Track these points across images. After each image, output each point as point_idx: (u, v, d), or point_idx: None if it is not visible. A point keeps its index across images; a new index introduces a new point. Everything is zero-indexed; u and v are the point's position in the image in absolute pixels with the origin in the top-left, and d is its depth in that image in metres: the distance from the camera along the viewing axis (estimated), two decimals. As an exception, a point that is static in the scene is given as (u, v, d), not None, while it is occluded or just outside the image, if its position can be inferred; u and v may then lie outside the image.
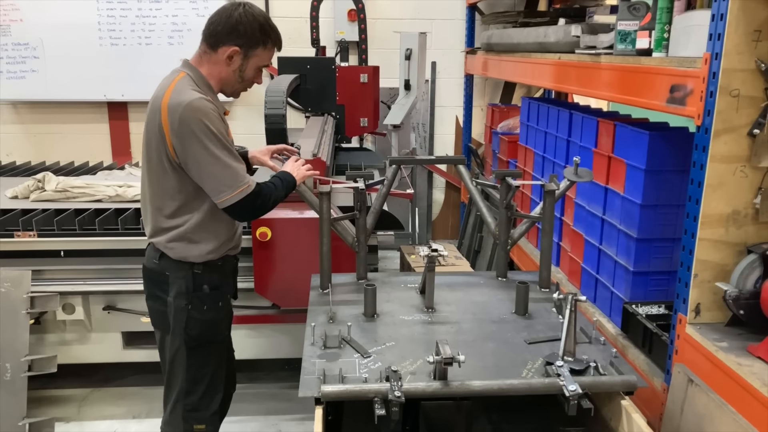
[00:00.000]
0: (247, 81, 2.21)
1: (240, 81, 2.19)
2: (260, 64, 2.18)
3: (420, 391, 1.71)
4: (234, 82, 2.19)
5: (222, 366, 2.37)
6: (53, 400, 3.49)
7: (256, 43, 2.12)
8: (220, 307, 2.29)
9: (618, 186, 2.56)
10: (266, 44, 2.15)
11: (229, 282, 2.39)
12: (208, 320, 2.24)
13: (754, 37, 1.79)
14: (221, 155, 2.06)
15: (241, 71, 2.16)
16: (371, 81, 4.48)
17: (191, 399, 2.28)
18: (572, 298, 1.85)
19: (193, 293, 2.21)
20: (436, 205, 5.99)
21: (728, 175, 1.90)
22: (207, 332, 2.26)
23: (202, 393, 2.29)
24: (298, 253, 3.02)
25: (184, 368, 2.25)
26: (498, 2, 5.44)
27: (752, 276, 1.91)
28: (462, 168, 2.64)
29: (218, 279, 2.27)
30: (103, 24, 5.27)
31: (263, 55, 2.16)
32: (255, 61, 2.16)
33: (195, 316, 2.22)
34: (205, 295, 2.23)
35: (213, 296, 2.25)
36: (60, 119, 5.54)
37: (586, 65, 2.71)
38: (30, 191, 3.60)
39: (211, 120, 2.04)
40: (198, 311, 2.22)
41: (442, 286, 2.41)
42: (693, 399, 1.94)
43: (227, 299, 2.36)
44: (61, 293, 3.15)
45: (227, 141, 2.10)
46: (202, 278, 2.22)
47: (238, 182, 2.09)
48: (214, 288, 2.25)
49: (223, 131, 2.09)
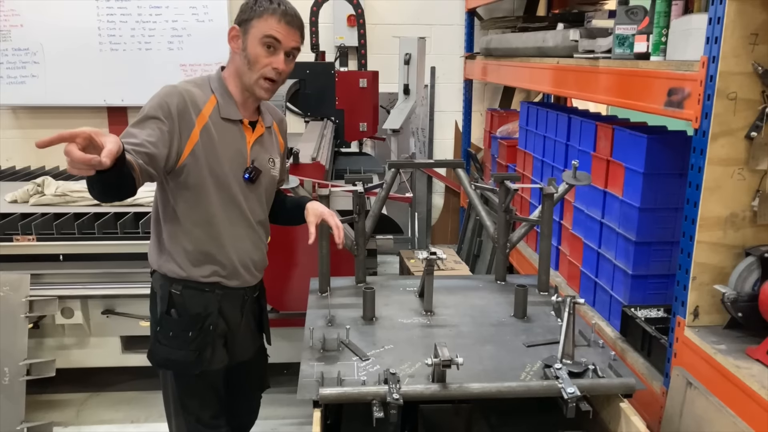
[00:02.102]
0: (256, 63, 1.93)
1: (248, 65, 1.94)
2: (259, 36, 1.91)
3: (418, 393, 1.71)
4: (244, 68, 1.95)
5: (213, 399, 2.16)
6: (52, 404, 3.48)
7: (250, 14, 1.92)
8: (191, 338, 2.02)
9: (616, 189, 2.56)
10: (261, 14, 1.91)
11: (218, 318, 2.08)
12: (175, 348, 2.03)
13: (751, 41, 1.80)
14: (135, 120, 1.85)
15: (245, 51, 1.93)
16: (370, 86, 4.49)
17: (190, 421, 2.15)
18: (571, 300, 1.85)
19: (162, 315, 2.04)
20: (435, 210, 6.00)
21: (726, 178, 1.91)
22: (175, 362, 2.05)
23: (196, 419, 2.14)
24: (297, 256, 3.02)
25: (173, 392, 2.13)
26: (497, 7, 5.46)
27: (750, 278, 1.91)
28: (461, 172, 2.64)
29: (199, 308, 2.03)
30: (103, 29, 5.29)
31: (260, 26, 1.91)
32: (254, 34, 1.92)
33: (161, 340, 2.04)
34: (173, 320, 2.03)
35: (182, 324, 2.02)
36: (60, 124, 5.54)
37: (585, 69, 2.72)
38: (29, 195, 3.61)
39: (165, 97, 1.86)
40: (164, 336, 2.03)
41: (441, 290, 2.41)
42: (692, 402, 1.94)
43: (204, 332, 2.05)
44: (60, 297, 3.15)
45: (163, 120, 1.84)
46: (177, 300, 2.02)
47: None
48: (184, 316, 2.02)
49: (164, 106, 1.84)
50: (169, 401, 2.18)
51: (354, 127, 4.54)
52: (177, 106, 1.88)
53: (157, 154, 1.83)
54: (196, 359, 2.05)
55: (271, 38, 1.92)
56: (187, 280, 2.02)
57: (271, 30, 1.92)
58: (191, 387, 2.12)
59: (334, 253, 2.41)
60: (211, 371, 2.12)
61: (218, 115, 1.98)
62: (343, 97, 4.46)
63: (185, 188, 1.97)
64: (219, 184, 2.00)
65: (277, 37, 1.92)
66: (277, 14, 1.91)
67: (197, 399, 2.14)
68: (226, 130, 2.00)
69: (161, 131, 1.85)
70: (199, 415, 2.15)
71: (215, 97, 1.99)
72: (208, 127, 1.95)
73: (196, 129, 1.93)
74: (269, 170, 2.13)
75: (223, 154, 1.99)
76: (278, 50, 1.94)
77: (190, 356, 2.05)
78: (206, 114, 1.95)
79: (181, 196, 1.98)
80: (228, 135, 2.00)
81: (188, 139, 1.92)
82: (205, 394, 2.15)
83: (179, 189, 1.97)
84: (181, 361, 2.06)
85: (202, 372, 2.09)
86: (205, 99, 1.97)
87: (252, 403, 2.48)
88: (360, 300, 2.22)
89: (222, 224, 2.03)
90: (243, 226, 2.09)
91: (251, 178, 2.04)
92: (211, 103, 1.98)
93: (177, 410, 2.16)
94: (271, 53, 1.94)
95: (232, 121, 2.01)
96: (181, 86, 1.94)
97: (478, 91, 5.74)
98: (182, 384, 2.12)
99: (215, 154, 1.97)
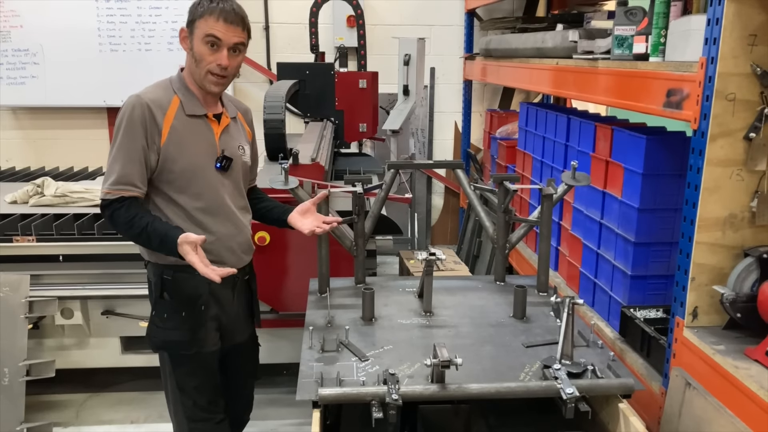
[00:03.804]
0: (202, 60, 2.04)
1: (195, 63, 2.06)
2: (201, 35, 2.02)
3: (417, 393, 1.71)
4: (193, 66, 2.08)
5: (211, 380, 2.25)
6: (51, 405, 3.48)
7: (193, 16, 2.06)
8: (184, 317, 2.14)
9: (616, 190, 2.57)
10: (202, 15, 2.02)
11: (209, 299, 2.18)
12: (170, 329, 2.15)
13: (750, 41, 1.80)
14: (116, 150, 2.01)
15: (192, 51, 2.06)
16: (370, 86, 4.49)
17: (187, 405, 2.22)
18: (570, 301, 1.85)
19: (156, 299, 2.16)
20: (435, 211, 6.00)
21: (725, 178, 1.91)
22: (171, 343, 2.16)
23: (193, 403, 2.22)
24: (297, 257, 3.02)
25: (171, 376, 2.21)
26: (496, 8, 5.46)
27: (749, 279, 1.91)
28: (460, 172, 2.64)
29: (191, 290, 2.12)
30: (102, 30, 5.30)
31: (202, 26, 2.03)
32: (197, 34, 2.04)
33: (157, 323, 2.17)
34: (166, 303, 2.14)
35: (174, 306, 2.13)
36: (59, 125, 5.55)
37: (584, 70, 2.73)
38: (29, 196, 3.61)
39: (130, 114, 1.99)
40: (160, 318, 2.16)
41: (440, 290, 2.41)
42: (691, 402, 1.94)
43: (196, 312, 2.15)
44: (59, 298, 3.15)
45: (135, 138, 1.99)
46: (168, 285, 2.12)
47: (107, 182, 2.01)
48: (175, 298, 2.13)
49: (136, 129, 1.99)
50: (167, 388, 2.26)
51: (353, 127, 4.54)
52: (141, 117, 2.01)
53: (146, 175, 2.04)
54: (190, 339, 2.16)
55: (212, 37, 2.03)
56: (176, 265, 2.09)
57: (211, 29, 2.02)
58: (187, 370, 2.20)
59: (334, 253, 2.42)
60: (206, 353, 2.21)
61: (183, 112, 2.09)
62: (342, 98, 4.46)
63: (165, 183, 2.08)
64: (194, 176, 2.10)
65: (217, 35, 2.02)
66: (215, 13, 2.02)
67: (194, 381, 2.21)
68: (193, 125, 2.11)
69: (141, 151, 2.01)
70: (197, 399, 2.22)
71: (178, 96, 2.10)
72: (175, 126, 2.07)
73: (165, 130, 2.05)
74: (240, 157, 2.23)
75: (194, 148, 2.10)
76: (221, 47, 2.04)
77: (185, 335, 2.16)
78: (171, 114, 2.07)
79: (160, 192, 2.09)
80: (196, 129, 2.11)
81: (160, 141, 2.04)
82: (202, 376, 2.22)
83: (159, 184, 2.08)
84: (176, 341, 2.16)
85: (197, 353, 2.18)
86: (169, 100, 2.08)
87: (247, 391, 2.54)
88: (359, 301, 2.22)
89: (201, 214, 2.12)
90: (222, 213, 2.17)
91: (223, 166, 2.14)
92: (175, 103, 2.09)
93: (175, 395, 2.23)
94: (215, 50, 2.04)
95: (197, 116, 2.12)
96: (144, 95, 2.04)
97: (477, 92, 5.75)
98: (179, 366, 2.20)
99: (186, 150, 2.08)
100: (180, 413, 2.25)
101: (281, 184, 2.34)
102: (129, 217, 2.01)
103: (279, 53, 5.52)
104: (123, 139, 2.01)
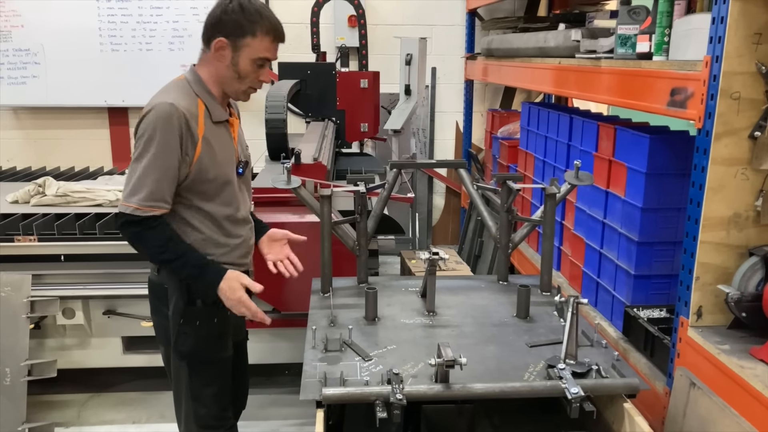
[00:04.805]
0: (246, 78, 2.00)
1: (237, 78, 1.99)
2: (253, 56, 1.97)
3: (422, 393, 1.70)
4: (231, 79, 2.00)
5: (227, 386, 2.23)
6: (53, 404, 3.48)
7: (242, 32, 1.94)
8: (215, 323, 2.12)
9: (619, 190, 2.56)
10: (255, 33, 1.94)
11: None
12: (201, 337, 2.11)
13: (755, 40, 1.80)
14: (148, 161, 1.90)
15: (235, 66, 1.97)
16: (371, 86, 4.49)
17: (201, 414, 2.18)
18: (574, 300, 1.85)
19: (185, 307, 2.08)
20: (436, 211, 5.99)
21: (729, 177, 1.91)
22: (200, 350, 2.12)
23: (207, 412, 2.18)
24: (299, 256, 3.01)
25: (188, 386, 2.16)
26: (498, 8, 5.46)
27: (754, 278, 1.91)
28: (463, 171, 2.64)
29: (214, 293, 2.05)
30: (103, 29, 5.29)
31: (255, 46, 1.95)
32: (247, 53, 1.96)
33: (187, 331, 2.10)
34: (198, 310, 2.09)
35: (207, 312, 2.10)
36: (61, 125, 5.55)
37: (587, 69, 2.72)
38: (30, 196, 3.61)
39: (166, 123, 1.89)
40: (190, 326, 2.09)
41: (443, 290, 2.40)
42: (695, 402, 1.93)
43: (225, 316, 2.13)
44: (61, 298, 3.14)
45: (171, 150, 1.91)
46: (196, 291, 2.07)
47: (137, 195, 1.90)
48: (208, 303, 2.08)
49: (173, 142, 1.90)
50: (180, 396, 2.20)
51: (355, 127, 4.53)
52: (179, 128, 1.91)
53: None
54: (218, 345, 2.16)
55: (266, 59, 2.01)
56: None
57: (266, 52, 1.99)
58: (207, 377, 2.17)
59: (336, 253, 2.42)
60: (226, 358, 2.22)
61: (210, 119, 2.02)
62: (344, 98, 4.46)
63: (194, 193, 2.02)
64: (223, 185, 2.07)
65: (270, 58, 2.01)
66: (272, 35, 1.99)
67: (211, 389, 2.18)
68: (218, 133, 2.05)
69: (176, 165, 1.93)
70: (210, 408, 2.19)
71: (202, 102, 2.01)
72: (207, 137, 2.00)
73: (199, 142, 1.97)
74: (248, 157, 2.23)
75: (222, 157, 2.06)
76: (266, 65, 2.04)
77: (214, 342, 2.15)
78: (201, 123, 1.99)
79: (186, 200, 2.03)
80: (221, 137, 2.06)
81: (194, 154, 1.97)
82: (220, 383, 2.20)
83: (187, 193, 2.02)
84: (210, 346, 2.14)
85: (219, 359, 2.18)
86: (196, 106, 1.99)
87: (246, 383, 2.54)
88: (362, 300, 2.22)
89: (229, 221, 2.11)
90: (243, 217, 2.17)
91: (244, 171, 2.15)
92: (201, 110, 2.00)
93: (188, 404, 2.18)
94: (261, 68, 2.02)
95: (220, 122, 2.06)
96: (177, 103, 1.92)
97: (479, 92, 5.74)
98: (197, 374, 2.15)
99: (217, 159, 2.03)
100: (191, 422, 2.19)
101: (284, 183, 2.33)
102: (163, 239, 1.95)
103: (280, 53, 5.42)
104: (158, 150, 1.90)
